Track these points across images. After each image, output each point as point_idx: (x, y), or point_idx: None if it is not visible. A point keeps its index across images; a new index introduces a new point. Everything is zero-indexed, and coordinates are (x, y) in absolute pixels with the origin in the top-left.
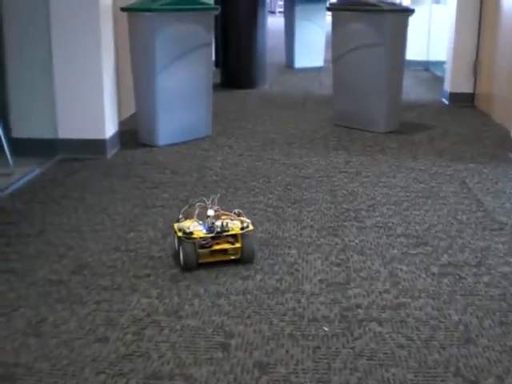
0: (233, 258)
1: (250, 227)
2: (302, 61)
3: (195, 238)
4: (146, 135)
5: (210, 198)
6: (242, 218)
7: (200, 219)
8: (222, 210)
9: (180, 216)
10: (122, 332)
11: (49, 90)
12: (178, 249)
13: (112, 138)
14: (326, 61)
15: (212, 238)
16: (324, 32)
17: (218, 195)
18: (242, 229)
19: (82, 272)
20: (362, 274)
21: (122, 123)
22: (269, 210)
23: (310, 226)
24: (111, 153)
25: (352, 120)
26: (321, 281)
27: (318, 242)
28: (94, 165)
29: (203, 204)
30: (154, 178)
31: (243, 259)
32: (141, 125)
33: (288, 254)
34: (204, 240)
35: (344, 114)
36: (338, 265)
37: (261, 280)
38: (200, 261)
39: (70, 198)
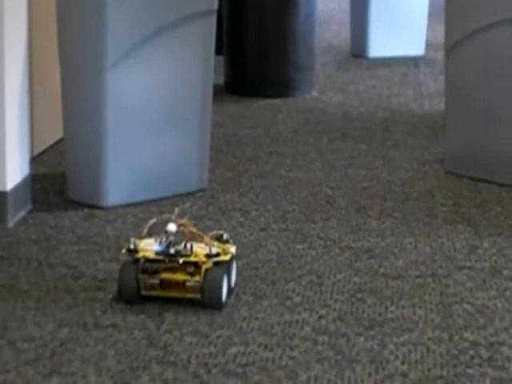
0: (190, 296)
1: (224, 256)
2: (381, 45)
3: (138, 259)
4: (83, 187)
5: (178, 207)
6: (222, 246)
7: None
8: (195, 227)
9: (145, 230)
10: None
11: None
12: None
13: (17, 190)
14: (430, 46)
15: (161, 261)
16: None
17: (188, 204)
18: (208, 256)
19: None
20: None
21: (36, 160)
22: (320, 339)
23: (400, 375)
24: (15, 218)
25: (486, 167)
26: None
27: None
28: None
29: (171, 216)
30: (96, 269)
31: (204, 301)
32: (73, 167)
33: None
34: (149, 263)
35: (469, 153)
36: None
37: None
38: (145, 293)
39: None
